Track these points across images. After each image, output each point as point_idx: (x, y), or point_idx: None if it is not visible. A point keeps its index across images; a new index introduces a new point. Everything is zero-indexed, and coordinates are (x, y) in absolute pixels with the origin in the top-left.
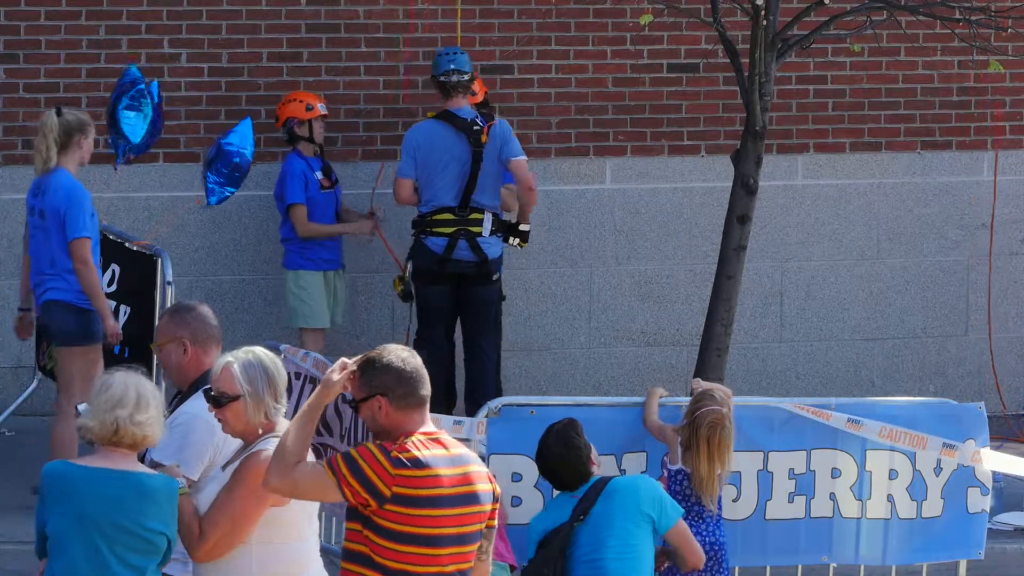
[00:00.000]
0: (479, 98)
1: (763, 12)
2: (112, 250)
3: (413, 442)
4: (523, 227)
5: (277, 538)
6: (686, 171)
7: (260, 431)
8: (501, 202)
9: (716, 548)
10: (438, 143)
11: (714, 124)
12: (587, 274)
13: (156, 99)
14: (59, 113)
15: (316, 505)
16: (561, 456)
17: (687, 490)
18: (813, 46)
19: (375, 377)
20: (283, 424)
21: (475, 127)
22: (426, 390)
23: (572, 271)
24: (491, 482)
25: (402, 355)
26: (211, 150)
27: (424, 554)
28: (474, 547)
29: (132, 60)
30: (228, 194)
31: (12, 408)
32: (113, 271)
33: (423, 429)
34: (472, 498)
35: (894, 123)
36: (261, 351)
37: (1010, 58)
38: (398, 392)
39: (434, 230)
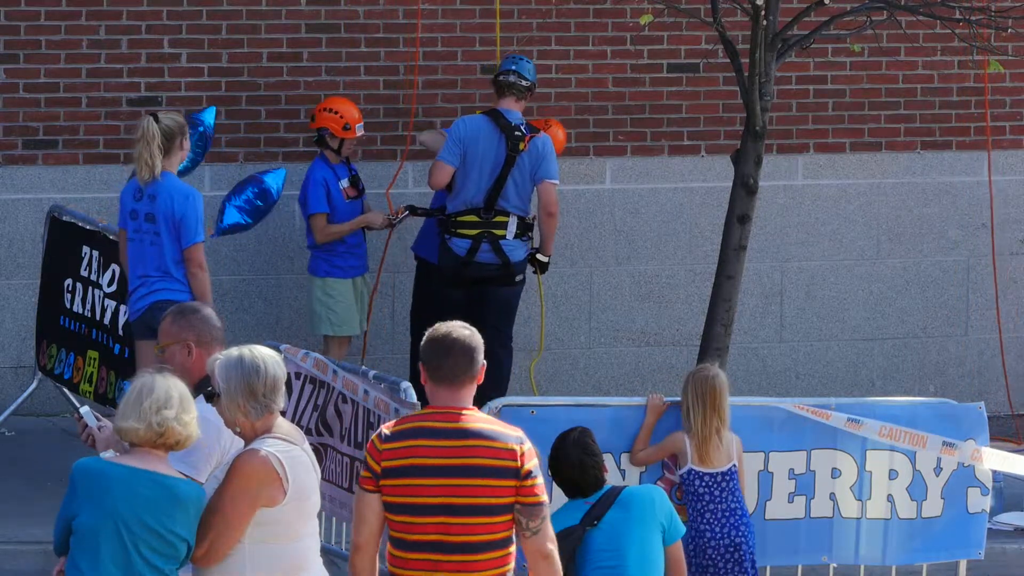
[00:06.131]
0: (559, 140)
1: (763, 12)
2: (112, 250)
3: (410, 416)
4: (541, 257)
5: (270, 538)
6: (686, 171)
7: (253, 431)
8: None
9: (732, 549)
10: (482, 139)
11: (714, 124)
12: (587, 274)
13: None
14: (157, 120)
15: (315, 505)
16: (581, 464)
17: (700, 489)
18: (813, 46)
19: (423, 346)
20: (282, 425)
21: (517, 132)
22: (457, 372)
23: (572, 271)
24: (516, 459)
25: (455, 334)
26: (243, 181)
27: (407, 522)
28: (472, 519)
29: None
30: (241, 222)
31: (12, 408)
32: (113, 271)
33: (443, 404)
34: (468, 470)
35: (894, 123)
36: (251, 349)
37: (1010, 58)
38: (430, 365)
39: (458, 231)
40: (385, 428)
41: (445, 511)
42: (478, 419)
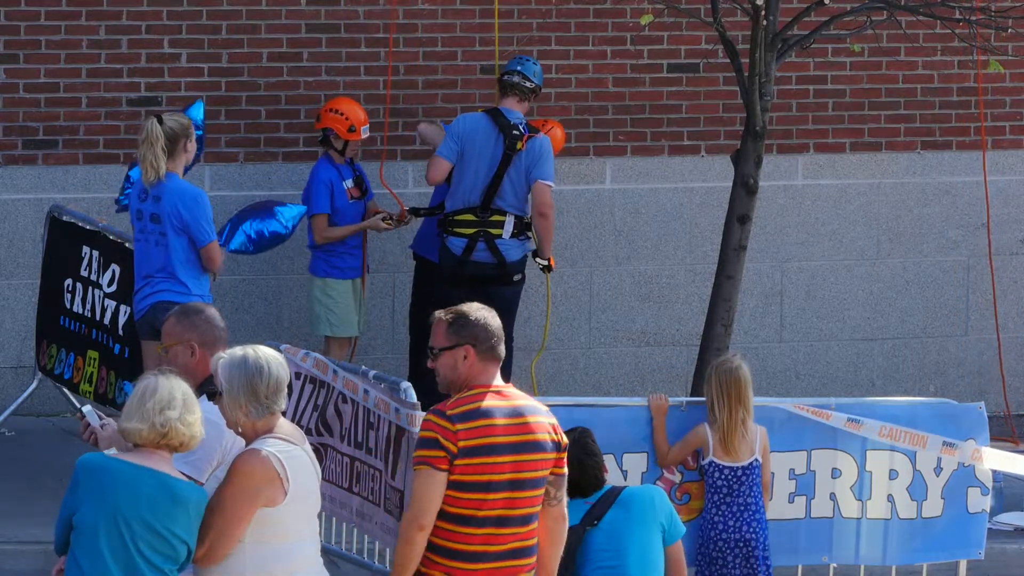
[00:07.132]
0: (557, 139)
1: (763, 12)
2: (112, 250)
3: (468, 396)
4: (540, 261)
5: (271, 538)
6: (686, 171)
7: (254, 431)
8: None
9: (742, 544)
10: (480, 136)
11: (714, 124)
12: (587, 274)
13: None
14: (161, 121)
15: (315, 505)
16: (581, 464)
17: (719, 482)
18: (813, 46)
19: (465, 328)
20: (283, 426)
21: (515, 131)
22: (503, 349)
23: (572, 271)
24: (556, 432)
25: (488, 314)
26: (263, 211)
27: (478, 499)
28: (531, 492)
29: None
30: (243, 250)
31: (12, 408)
32: (113, 271)
33: (489, 382)
34: (530, 446)
35: (894, 123)
36: (255, 349)
37: (1010, 58)
38: (485, 345)
39: (455, 230)
40: (448, 410)
41: (511, 486)
42: (520, 395)
